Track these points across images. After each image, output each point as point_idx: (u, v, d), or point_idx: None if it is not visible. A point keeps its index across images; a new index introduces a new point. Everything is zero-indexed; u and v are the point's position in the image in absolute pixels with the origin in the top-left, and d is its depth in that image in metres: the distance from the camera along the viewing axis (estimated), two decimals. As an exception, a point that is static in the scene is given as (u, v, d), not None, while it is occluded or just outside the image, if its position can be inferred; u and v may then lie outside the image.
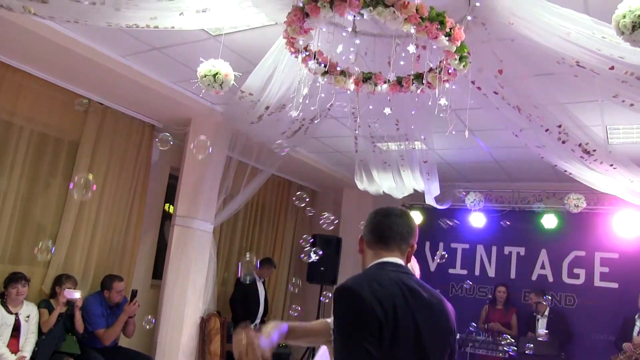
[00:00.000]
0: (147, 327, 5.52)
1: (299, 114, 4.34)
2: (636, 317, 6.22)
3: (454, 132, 3.96)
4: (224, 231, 7.46)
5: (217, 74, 3.94)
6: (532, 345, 6.20)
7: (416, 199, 7.58)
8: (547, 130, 4.51)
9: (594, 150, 4.61)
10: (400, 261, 2.10)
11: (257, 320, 7.32)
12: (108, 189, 6.05)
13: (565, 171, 5.14)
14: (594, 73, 3.71)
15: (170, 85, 5.66)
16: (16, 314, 4.94)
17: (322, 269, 8.32)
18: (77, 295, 5.32)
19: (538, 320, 6.77)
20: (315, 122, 5.11)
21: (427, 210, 7.75)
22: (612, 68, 3.59)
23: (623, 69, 3.58)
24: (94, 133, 5.86)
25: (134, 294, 5.73)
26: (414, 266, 2.71)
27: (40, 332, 5.12)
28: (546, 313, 6.79)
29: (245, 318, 7.16)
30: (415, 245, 2.20)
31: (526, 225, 7.51)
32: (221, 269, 7.38)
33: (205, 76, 3.94)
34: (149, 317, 5.44)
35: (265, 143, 6.18)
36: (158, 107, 6.10)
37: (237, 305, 7.19)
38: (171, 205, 6.88)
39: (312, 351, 8.17)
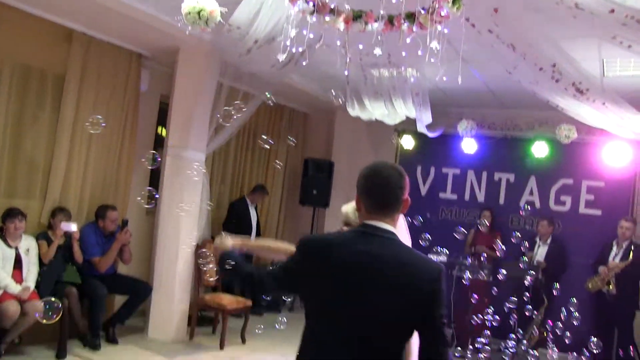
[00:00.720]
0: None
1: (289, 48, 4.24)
2: (613, 242, 6.42)
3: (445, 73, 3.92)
4: (217, 158, 7.48)
5: (201, 10, 3.79)
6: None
7: (408, 124, 7.57)
8: (540, 69, 4.47)
9: (587, 90, 4.59)
10: (384, 225, 2.11)
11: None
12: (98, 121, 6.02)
13: (558, 106, 5.14)
14: (593, 15, 3.65)
15: (156, 14, 5.47)
16: (16, 248, 5.09)
17: (314, 192, 8.46)
18: (73, 227, 5.45)
19: (539, 247, 6.91)
20: (305, 57, 5.00)
21: (419, 135, 7.76)
22: (612, 11, 3.54)
23: (623, 12, 3.53)
24: (79, 64, 5.74)
25: (124, 223, 5.89)
26: (400, 222, 2.74)
27: (41, 263, 5.28)
28: (548, 241, 6.90)
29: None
30: (409, 199, 2.19)
31: (517, 153, 7.56)
32: (215, 195, 7.47)
33: (189, 13, 3.79)
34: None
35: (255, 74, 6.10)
36: (145, 37, 5.95)
37: (230, 229, 7.35)
38: (164, 128, 6.87)
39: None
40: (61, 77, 5.68)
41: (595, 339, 5.38)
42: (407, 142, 8.16)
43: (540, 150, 7.21)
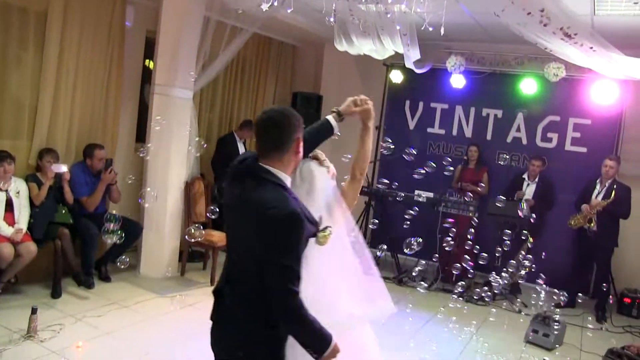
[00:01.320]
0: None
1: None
2: (597, 181, 6.53)
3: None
4: (204, 94, 7.41)
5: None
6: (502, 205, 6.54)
7: (397, 58, 7.46)
8: (529, 13, 4.40)
9: (575, 34, 4.54)
10: (267, 166, 2.26)
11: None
12: (83, 58, 5.90)
13: (546, 48, 5.09)
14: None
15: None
16: (6, 191, 5.11)
17: (303, 126, 8.42)
18: (64, 168, 5.47)
19: (528, 185, 6.99)
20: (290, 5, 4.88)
21: (408, 69, 7.66)
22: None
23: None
24: (61, 0, 5.56)
25: (108, 163, 5.90)
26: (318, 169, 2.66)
27: (32, 205, 5.33)
28: (536, 180, 6.97)
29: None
30: (298, 139, 2.31)
31: (505, 89, 7.52)
32: (203, 131, 7.44)
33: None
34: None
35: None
36: (128, -29, 5.75)
37: (218, 166, 7.39)
38: (151, 61, 6.76)
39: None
40: (43, 14, 5.49)
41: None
42: (396, 77, 8.07)
43: (528, 87, 7.18)
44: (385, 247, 5.26)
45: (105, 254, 6.02)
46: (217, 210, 3.71)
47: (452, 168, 6.48)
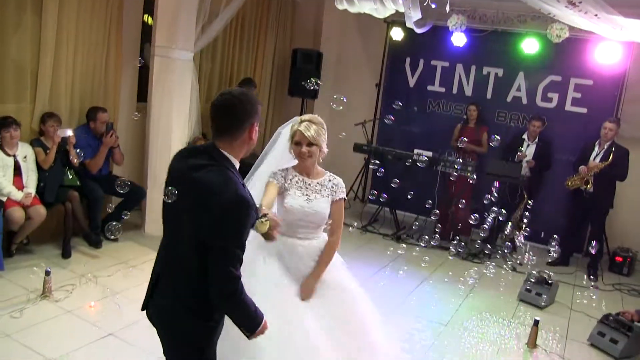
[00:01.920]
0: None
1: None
2: (595, 143, 6.60)
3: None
4: (204, 52, 7.37)
5: None
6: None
7: (398, 16, 7.39)
8: (533, -20, 4.39)
9: (580, 2, 4.54)
10: (220, 148, 2.32)
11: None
12: (82, 18, 5.86)
13: (549, 14, 5.09)
14: None
15: None
16: (14, 156, 5.20)
17: (302, 83, 8.42)
18: (69, 132, 5.56)
19: (528, 146, 7.05)
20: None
21: (409, 27, 7.63)
22: None
23: None
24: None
25: (108, 127, 5.94)
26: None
27: (40, 169, 5.43)
28: (536, 140, 7.03)
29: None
30: (252, 125, 2.36)
31: (507, 47, 7.49)
32: (203, 91, 7.45)
33: None
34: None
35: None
36: None
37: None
38: (150, 17, 6.73)
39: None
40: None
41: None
42: (397, 34, 8.03)
43: (530, 46, 7.15)
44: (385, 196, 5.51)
45: (109, 216, 6.15)
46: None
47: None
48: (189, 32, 6.26)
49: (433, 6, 4.27)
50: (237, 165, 2.35)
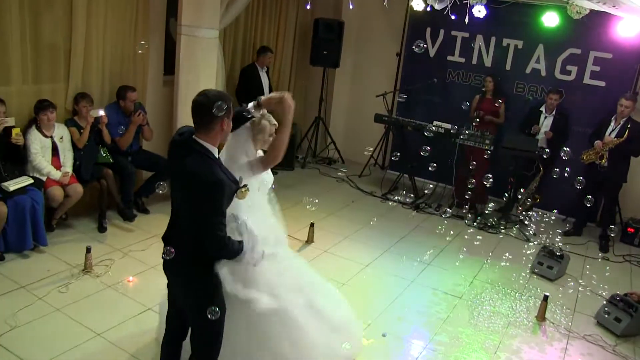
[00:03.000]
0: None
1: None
2: (612, 118, 6.70)
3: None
4: (227, 26, 7.49)
5: None
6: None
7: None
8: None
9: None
10: (198, 139, 2.83)
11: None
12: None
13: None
14: None
15: None
16: (51, 137, 5.49)
17: (324, 52, 8.57)
18: (101, 112, 5.81)
19: (545, 118, 7.15)
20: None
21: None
22: None
23: None
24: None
25: (136, 106, 6.19)
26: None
27: (74, 148, 5.73)
28: (554, 112, 7.11)
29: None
30: (224, 120, 2.85)
31: (527, 19, 7.49)
32: (228, 64, 7.62)
33: None
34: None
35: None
36: None
37: (242, 95, 7.67)
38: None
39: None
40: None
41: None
42: (417, 4, 8.03)
43: (550, 19, 7.14)
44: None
45: (140, 189, 6.46)
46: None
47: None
48: (214, 11, 6.41)
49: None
50: (215, 151, 2.89)
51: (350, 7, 5.98)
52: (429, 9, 6.91)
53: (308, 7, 4.98)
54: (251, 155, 3.34)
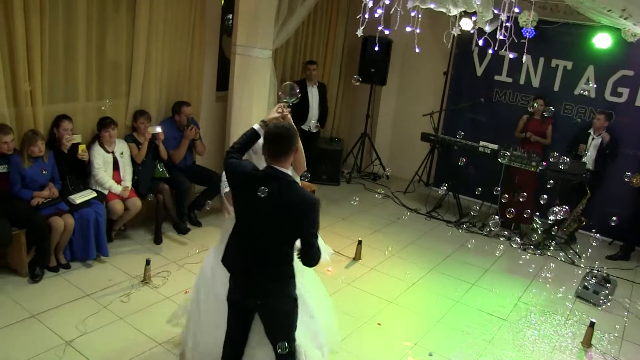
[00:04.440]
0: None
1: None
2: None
3: None
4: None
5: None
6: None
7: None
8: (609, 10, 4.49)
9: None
10: (279, 167, 3.04)
11: (310, 123, 8.04)
12: (170, 17, 6.34)
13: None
14: None
15: None
16: (112, 152, 5.78)
17: (372, 70, 8.72)
18: (158, 129, 6.08)
19: (593, 139, 7.13)
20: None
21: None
22: None
23: None
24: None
25: (188, 121, 6.42)
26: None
27: (133, 163, 6.01)
28: (602, 134, 7.08)
29: (296, 120, 7.89)
30: (297, 147, 3.24)
31: (577, 40, 7.48)
32: (278, 78, 7.80)
33: None
34: None
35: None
36: None
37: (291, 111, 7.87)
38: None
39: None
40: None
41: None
42: (466, 24, 8.12)
43: (602, 41, 7.11)
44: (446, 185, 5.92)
45: (193, 202, 6.71)
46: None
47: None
48: (267, 31, 6.64)
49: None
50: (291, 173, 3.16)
51: (417, 50, 6.11)
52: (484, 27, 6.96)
53: (360, 34, 5.02)
54: None
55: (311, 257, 3.04)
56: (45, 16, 5.13)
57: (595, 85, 7.37)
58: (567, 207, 5.28)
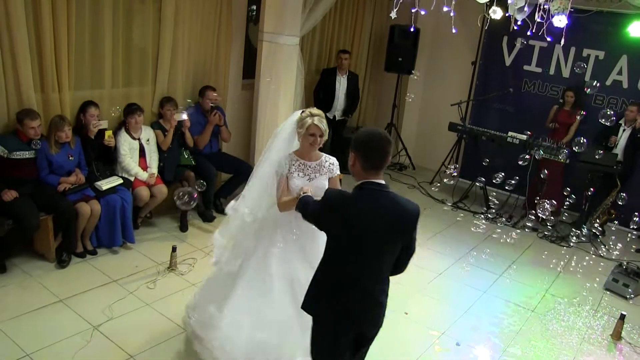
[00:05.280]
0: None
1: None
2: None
3: None
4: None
5: None
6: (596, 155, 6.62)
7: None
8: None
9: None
10: (382, 181, 2.74)
11: (335, 112, 8.00)
12: (196, 4, 6.31)
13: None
14: None
15: None
16: (138, 139, 5.78)
17: (399, 59, 8.63)
18: (184, 116, 6.06)
19: (624, 131, 6.97)
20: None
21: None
22: None
23: None
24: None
25: (212, 107, 6.38)
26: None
27: (159, 150, 6.02)
28: (633, 125, 6.89)
29: (321, 108, 7.85)
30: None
31: (611, 29, 7.28)
32: (305, 65, 7.76)
33: None
34: None
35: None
36: None
37: (316, 95, 7.88)
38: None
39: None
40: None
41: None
42: (495, 13, 7.97)
43: (637, 29, 6.91)
44: (482, 179, 5.83)
45: (219, 190, 6.71)
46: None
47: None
48: (295, 19, 6.58)
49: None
50: None
51: (422, 12, 6.01)
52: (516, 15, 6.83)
53: (394, 16, 4.96)
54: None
55: (407, 264, 2.99)
56: (72, 3, 5.14)
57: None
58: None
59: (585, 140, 5.70)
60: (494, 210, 7.49)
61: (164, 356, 3.80)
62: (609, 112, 5.57)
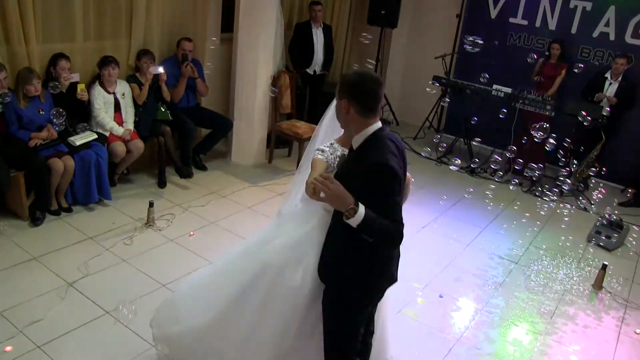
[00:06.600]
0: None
1: None
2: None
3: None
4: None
5: None
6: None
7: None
8: None
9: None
10: (380, 123, 2.52)
11: (315, 67, 7.77)
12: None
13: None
14: None
15: None
16: (113, 93, 5.58)
17: (382, 12, 8.40)
18: (160, 69, 5.84)
19: (610, 84, 6.87)
20: None
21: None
22: None
23: None
24: None
25: (184, 57, 6.11)
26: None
27: (135, 104, 5.83)
28: (619, 79, 6.81)
29: (300, 65, 7.69)
30: None
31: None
32: (285, 20, 7.50)
33: None
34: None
35: None
36: None
37: (293, 51, 7.64)
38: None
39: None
40: None
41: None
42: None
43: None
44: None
45: (198, 146, 6.55)
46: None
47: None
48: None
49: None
50: None
51: None
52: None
53: None
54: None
55: None
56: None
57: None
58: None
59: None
60: (477, 163, 7.42)
61: (140, 311, 3.71)
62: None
